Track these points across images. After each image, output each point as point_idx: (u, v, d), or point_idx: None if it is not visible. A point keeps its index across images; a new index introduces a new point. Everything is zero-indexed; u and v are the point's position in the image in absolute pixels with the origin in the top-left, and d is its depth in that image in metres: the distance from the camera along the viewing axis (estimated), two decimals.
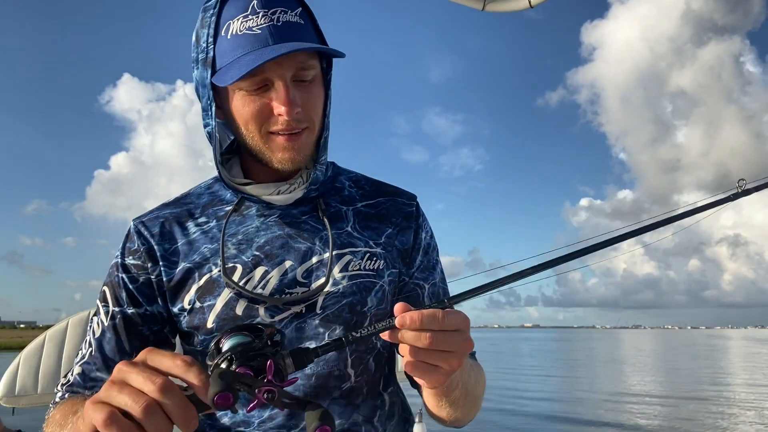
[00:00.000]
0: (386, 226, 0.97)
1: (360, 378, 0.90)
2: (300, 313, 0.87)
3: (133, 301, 0.91)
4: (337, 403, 0.88)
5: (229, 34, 0.82)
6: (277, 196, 0.92)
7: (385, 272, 0.93)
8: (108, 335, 0.90)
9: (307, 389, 0.86)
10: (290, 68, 0.83)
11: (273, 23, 0.81)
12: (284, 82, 0.82)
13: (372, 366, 0.92)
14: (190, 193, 0.99)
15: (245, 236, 0.91)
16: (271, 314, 0.86)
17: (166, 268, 0.90)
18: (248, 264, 0.88)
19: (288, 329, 0.86)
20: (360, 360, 0.90)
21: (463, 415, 0.88)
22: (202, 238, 0.92)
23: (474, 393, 0.86)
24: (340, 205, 0.97)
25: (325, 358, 0.87)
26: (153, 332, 0.91)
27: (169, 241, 0.92)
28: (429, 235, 1.03)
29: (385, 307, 0.93)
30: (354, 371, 0.89)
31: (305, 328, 0.87)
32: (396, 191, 1.03)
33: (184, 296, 0.89)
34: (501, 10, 3.74)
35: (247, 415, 0.87)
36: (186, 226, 0.94)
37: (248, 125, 0.86)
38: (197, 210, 0.96)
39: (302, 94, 0.85)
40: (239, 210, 0.93)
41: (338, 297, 0.88)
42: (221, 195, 0.97)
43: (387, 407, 0.95)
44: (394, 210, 1.00)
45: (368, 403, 0.91)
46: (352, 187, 1.01)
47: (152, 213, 0.96)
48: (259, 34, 0.81)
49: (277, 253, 0.89)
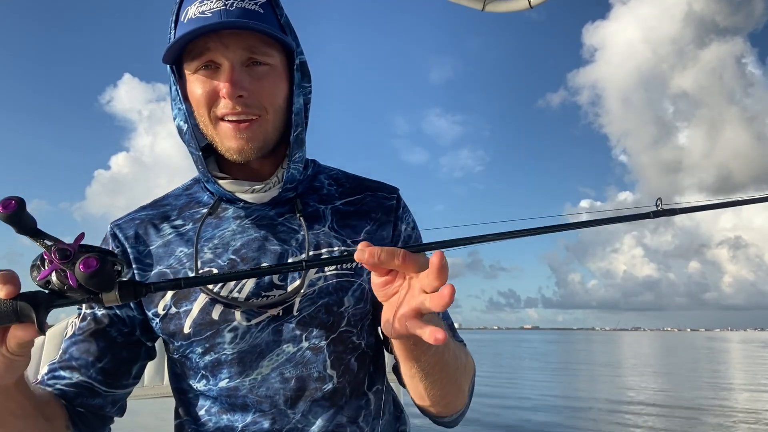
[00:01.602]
0: (365, 222, 0.95)
1: (342, 379, 0.89)
2: (277, 316, 0.86)
3: None
4: (319, 405, 0.87)
5: (186, 19, 0.83)
6: (251, 194, 0.91)
7: (365, 270, 0.90)
8: (77, 336, 0.90)
9: (287, 393, 0.85)
10: (236, 50, 0.82)
11: (225, 8, 0.81)
12: (229, 63, 0.82)
13: (354, 366, 0.91)
14: (168, 195, 0.99)
15: (221, 240, 0.90)
16: (248, 318, 0.85)
17: (139, 271, 0.89)
18: (224, 268, 0.87)
19: (265, 332, 0.86)
20: (340, 360, 0.89)
21: (442, 397, 0.84)
22: (177, 241, 0.91)
23: (454, 368, 0.83)
24: (318, 204, 0.96)
25: (303, 360, 0.86)
26: (122, 334, 0.90)
27: (144, 243, 0.91)
28: (411, 227, 1.00)
29: (365, 306, 0.91)
30: (335, 372, 0.88)
31: (282, 330, 0.86)
32: (377, 186, 1.02)
33: (159, 302, 0.88)
34: (501, 11, 3.75)
35: (231, 420, 0.87)
36: (161, 229, 0.93)
37: (199, 108, 0.85)
38: (174, 212, 0.95)
39: (252, 79, 0.84)
40: (215, 212, 0.93)
41: (314, 298, 0.87)
42: (198, 197, 0.96)
43: (373, 407, 0.93)
44: (374, 205, 0.98)
45: (352, 403, 0.90)
46: (331, 185, 0.99)
47: (129, 216, 0.95)
48: (209, 17, 0.81)
49: (252, 256, 0.88)
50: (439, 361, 0.79)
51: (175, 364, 0.93)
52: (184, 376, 0.91)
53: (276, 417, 0.85)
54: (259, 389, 0.85)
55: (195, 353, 0.87)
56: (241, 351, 0.85)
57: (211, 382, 0.87)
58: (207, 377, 0.88)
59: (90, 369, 0.88)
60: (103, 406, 0.90)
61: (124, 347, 0.90)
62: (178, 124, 0.90)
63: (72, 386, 0.87)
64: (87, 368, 0.87)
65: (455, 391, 0.86)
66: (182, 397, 0.93)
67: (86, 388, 0.88)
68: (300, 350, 0.86)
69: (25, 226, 0.57)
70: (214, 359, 0.86)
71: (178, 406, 0.95)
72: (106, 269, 0.55)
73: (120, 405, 0.93)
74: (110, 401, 0.91)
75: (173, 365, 0.94)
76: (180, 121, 0.89)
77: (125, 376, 0.91)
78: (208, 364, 0.87)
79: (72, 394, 0.87)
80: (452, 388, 0.85)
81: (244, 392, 0.86)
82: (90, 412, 0.89)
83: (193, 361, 0.88)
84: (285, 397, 0.85)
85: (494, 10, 3.79)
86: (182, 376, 0.92)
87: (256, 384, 0.86)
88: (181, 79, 0.89)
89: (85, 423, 0.88)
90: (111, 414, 0.92)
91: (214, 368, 0.87)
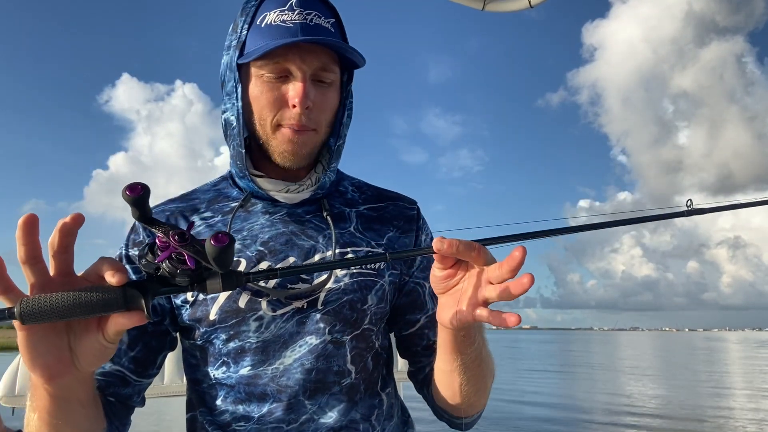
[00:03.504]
0: (388, 228, 0.99)
1: (359, 375, 0.91)
2: (302, 308, 0.88)
3: None
4: (336, 399, 0.89)
5: (264, 23, 0.87)
6: (285, 194, 0.94)
7: (386, 272, 0.94)
8: None
9: (307, 384, 0.87)
10: (311, 65, 0.86)
11: (306, 21, 0.86)
12: (303, 75, 0.86)
13: (370, 365, 0.94)
14: (196, 190, 1.01)
15: (250, 232, 0.92)
16: (273, 308, 0.87)
17: None
18: (252, 259, 0.89)
19: (290, 323, 0.88)
20: (360, 357, 0.91)
21: (473, 393, 0.87)
22: (207, 232, 0.92)
23: (486, 365, 0.86)
24: (344, 207, 0.99)
25: (325, 353, 0.88)
26: (152, 323, 0.91)
27: None
28: (430, 238, 1.04)
29: (385, 306, 0.94)
30: (354, 368, 0.90)
31: (307, 322, 0.88)
32: (397, 196, 1.06)
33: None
34: (501, 10, 3.74)
35: (246, 410, 0.88)
36: (191, 220, 0.94)
37: (262, 112, 0.88)
38: (202, 205, 0.97)
39: (317, 94, 0.88)
40: (245, 207, 0.95)
41: (339, 294, 0.89)
42: (227, 192, 0.98)
43: (385, 407, 0.96)
44: (396, 213, 1.02)
45: (366, 401, 0.92)
46: (354, 192, 1.03)
47: (158, 207, 0.97)
48: (291, 27, 0.85)
49: (280, 249, 0.90)
50: (479, 356, 0.82)
51: (193, 352, 0.93)
52: (203, 364, 0.92)
53: (293, 407, 0.87)
54: (280, 378, 0.87)
55: (219, 339, 0.88)
56: (266, 340, 0.87)
57: (232, 369, 0.88)
58: (228, 364, 0.89)
59: (122, 357, 0.89)
60: (131, 396, 0.91)
61: (153, 336, 0.91)
62: (227, 118, 0.92)
63: (105, 375, 0.88)
64: (119, 357, 0.89)
65: (484, 388, 0.89)
66: (197, 388, 0.94)
67: (118, 377, 0.89)
68: (323, 343, 0.88)
69: (145, 213, 0.58)
70: (238, 346, 0.88)
71: (191, 397, 0.96)
72: (233, 247, 0.55)
73: (143, 395, 0.95)
74: (137, 390, 0.92)
75: (191, 355, 0.94)
76: (230, 115, 0.91)
77: (152, 365, 0.93)
78: (231, 351, 0.88)
79: (104, 383, 0.88)
80: (483, 384, 0.88)
81: (265, 381, 0.87)
82: (119, 401, 0.90)
83: (216, 347, 0.89)
84: (304, 388, 0.87)
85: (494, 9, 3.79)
86: (200, 365, 0.92)
87: (278, 373, 0.87)
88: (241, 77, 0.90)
89: (115, 413, 0.88)
90: (136, 404, 0.94)
91: (237, 355, 0.88)
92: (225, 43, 0.93)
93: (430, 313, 0.98)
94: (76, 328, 0.60)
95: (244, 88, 0.90)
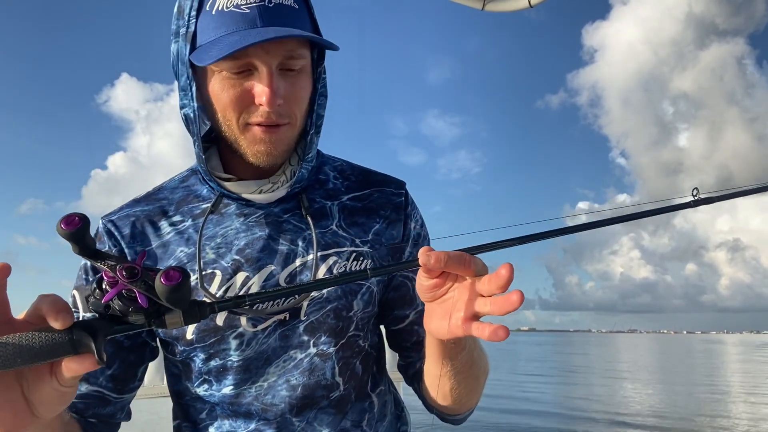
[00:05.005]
0: (374, 220, 0.92)
1: (348, 385, 0.87)
2: (284, 320, 0.83)
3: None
4: (325, 413, 0.85)
5: (214, 9, 0.76)
6: (258, 195, 0.86)
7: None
8: None
9: (293, 401, 0.83)
10: (277, 55, 0.76)
11: (264, 3, 0.75)
12: (269, 69, 0.76)
13: (359, 369, 0.89)
14: (163, 187, 0.93)
15: (224, 239, 0.85)
16: (254, 323, 0.82)
17: None
18: (228, 270, 0.83)
19: (272, 338, 0.83)
20: (347, 366, 0.87)
21: (465, 395, 0.84)
22: (177, 240, 0.86)
23: (478, 366, 0.82)
24: (325, 200, 0.91)
25: (311, 367, 0.83)
26: (128, 337, 0.86)
27: (141, 242, 0.86)
28: (419, 224, 0.97)
29: (372, 309, 0.90)
30: (342, 379, 0.86)
31: (290, 336, 0.83)
32: (384, 180, 0.97)
33: None
34: (500, 10, 3.73)
35: (233, 426, 0.84)
36: (159, 226, 0.87)
37: (226, 112, 0.79)
38: (171, 207, 0.89)
39: (287, 85, 0.79)
40: (217, 209, 0.87)
41: (323, 302, 0.84)
42: (197, 190, 0.90)
43: (377, 409, 0.92)
44: (383, 202, 0.94)
45: (356, 407, 0.88)
46: (337, 179, 0.95)
47: (122, 210, 0.90)
48: (247, 13, 0.74)
49: (258, 256, 0.84)
50: (470, 360, 0.78)
51: (174, 365, 0.90)
52: (185, 378, 0.88)
53: (281, 425, 0.83)
54: (265, 397, 0.83)
55: (198, 358, 0.84)
56: (248, 358, 0.82)
57: (214, 388, 0.84)
58: (210, 382, 0.85)
59: (99, 377, 0.84)
60: (114, 414, 0.88)
61: (131, 351, 0.87)
62: (186, 113, 0.83)
63: (82, 398, 0.84)
64: (96, 377, 0.84)
65: (477, 388, 0.86)
66: (180, 400, 0.91)
67: (97, 398, 0.85)
68: (308, 356, 0.83)
69: (86, 246, 0.53)
70: (219, 365, 0.83)
71: (175, 408, 0.93)
72: (188, 283, 0.50)
73: (127, 410, 0.91)
74: (120, 407, 0.88)
75: (172, 366, 0.90)
76: (189, 111, 0.82)
77: (132, 379, 0.88)
78: (213, 369, 0.84)
79: (83, 405, 0.84)
80: (475, 385, 0.85)
81: (248, 400, 0.83)
82: (101, 421, 0.86)
83: (197, 364, 0.84)
84: (291, 406, 0.83)
85: (494, 9, 3.77)
86: (181, 379, 0.89)
87: (262, 392, 0.83)
88: (195, 70, 0.81)
89: None
90: (120, 420, 0.90)
91: (219, 374, 0.84)
92: (171, 27, 0.81)
93: (419, 309, 0.93)
94: (28, 375, 0.54)
95: (201, 83, 0.81)
